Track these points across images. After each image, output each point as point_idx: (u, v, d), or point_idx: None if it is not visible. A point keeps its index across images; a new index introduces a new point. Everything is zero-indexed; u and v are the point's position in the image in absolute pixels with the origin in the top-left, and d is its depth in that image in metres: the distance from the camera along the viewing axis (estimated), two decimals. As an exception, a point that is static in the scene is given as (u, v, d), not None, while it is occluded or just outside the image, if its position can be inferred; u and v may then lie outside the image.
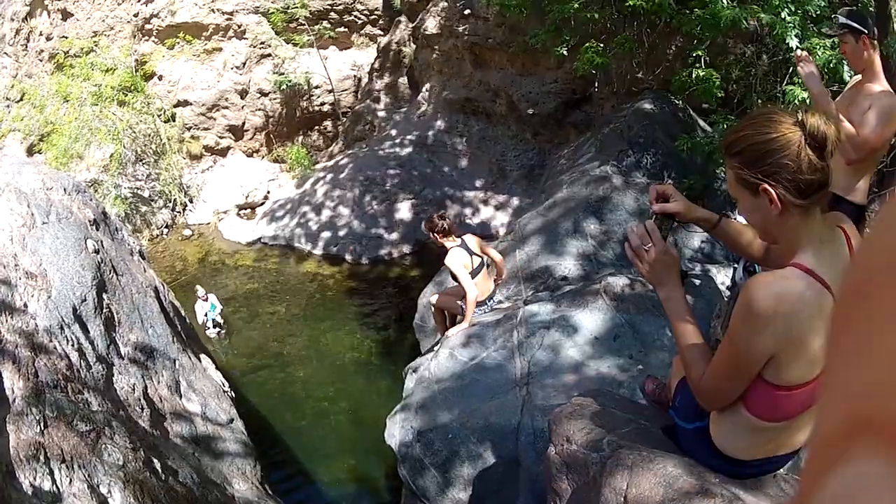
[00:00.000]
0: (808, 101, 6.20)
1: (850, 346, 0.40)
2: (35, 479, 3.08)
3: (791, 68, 7.84)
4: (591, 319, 6.20)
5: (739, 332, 2.10)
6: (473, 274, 6.53)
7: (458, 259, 6.45)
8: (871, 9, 8.75)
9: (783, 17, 7.23)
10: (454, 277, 6.57)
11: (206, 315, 10.70)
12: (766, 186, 2.00)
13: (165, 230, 15.25)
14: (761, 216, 2.10)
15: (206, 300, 10.76)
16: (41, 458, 3.19)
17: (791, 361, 2.09)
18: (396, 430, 6.08)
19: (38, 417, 3.38)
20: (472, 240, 6.75)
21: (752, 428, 2.34)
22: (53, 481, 3.16)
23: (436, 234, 6.75)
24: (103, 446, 3.59)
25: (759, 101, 8.40)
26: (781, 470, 2.79)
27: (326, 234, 13.07)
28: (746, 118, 2.27)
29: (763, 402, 2.24)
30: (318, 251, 12.93)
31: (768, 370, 2.13)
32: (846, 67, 6.93)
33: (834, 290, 1.97)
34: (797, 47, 7.21)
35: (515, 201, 12.57)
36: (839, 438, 0.38)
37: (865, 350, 0.39)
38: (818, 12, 7.61)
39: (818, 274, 2.00)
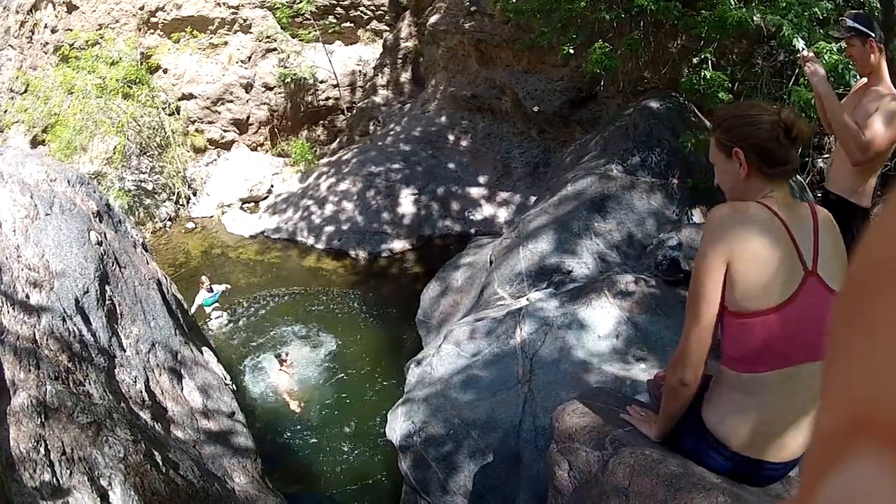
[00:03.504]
0: (812, 102, 6.18)
1: (851, 342, 0.40)
2: (35, 471, 3.08)
3: (797, 70, 7.82)
4: (594, 317, 6.19)
5: (700, 251, 2.39)
6: None
7: None
8: (877, 12, 8.75)
9: (790, 18, 7.21)
10: None
11: (203, 305, 10.68)
12: (737, 149, 2.41)
13: (169, 223, 15.25)
14: (731, 177, 2.49)
15: (211, 291, 10.73)
16: (42, 449, 3.18)
17: (744, 275, 2.31)
18: (398, 425, 6.07)
19: (38, 409, 3.37)
20: None
21: (729, 385, 2.46)
22: (54, 473, 3.15)
23: None
24: (104, 439, 3.59)
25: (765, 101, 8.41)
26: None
27: (329, 229, 13.06)
28: (735, 104, 2.70)
29: (729, 338, 2.40)
30: (320, 245, 12.92)
31: (727, 296, 2.34)
32: (852, 71, 6.90)
33: (788, 225, 2.34)
34: (804, 48, 7.18)
35: (520, 198, 12.55)
36: (840, 437, 0.38)
37: (867, 347, 0.38)
38: (825, 14, 7.58)
39: (772, 208, 2.35)
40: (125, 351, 5.16)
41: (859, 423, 0.37)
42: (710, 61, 8.40)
